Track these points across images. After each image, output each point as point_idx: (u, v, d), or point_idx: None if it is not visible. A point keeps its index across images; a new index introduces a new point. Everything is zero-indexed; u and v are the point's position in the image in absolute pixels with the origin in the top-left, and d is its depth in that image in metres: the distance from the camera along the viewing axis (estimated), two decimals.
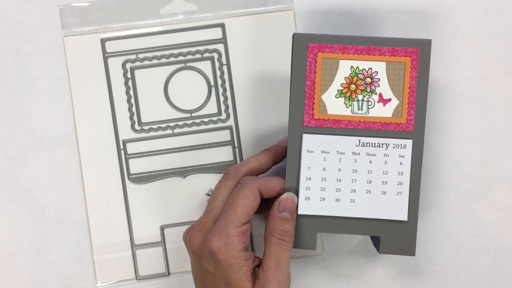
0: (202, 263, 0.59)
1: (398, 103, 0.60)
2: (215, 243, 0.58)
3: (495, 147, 0.72)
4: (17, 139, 0.71)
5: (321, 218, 0.61)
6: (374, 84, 0.60)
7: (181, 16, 0.71)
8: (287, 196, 0.61)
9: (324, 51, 0.59)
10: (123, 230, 0.71)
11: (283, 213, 0.59)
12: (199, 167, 0.71)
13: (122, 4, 0.71)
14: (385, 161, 0.60)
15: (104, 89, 0.71)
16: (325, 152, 0.60)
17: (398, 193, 0.60)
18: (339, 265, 0.71)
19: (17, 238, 0.71)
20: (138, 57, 0.71)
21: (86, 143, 0.71)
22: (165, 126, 0.71)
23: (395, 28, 0.72)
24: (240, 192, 0.59)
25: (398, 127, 0.60)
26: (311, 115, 0.60)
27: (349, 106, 0.60)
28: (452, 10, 0.72)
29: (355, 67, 0.59)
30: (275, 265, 0.58)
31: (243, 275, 0.58)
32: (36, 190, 0.71)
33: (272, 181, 0.61)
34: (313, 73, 0.60)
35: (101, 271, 0.71)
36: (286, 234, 0.59)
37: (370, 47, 0.59)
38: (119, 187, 0.71)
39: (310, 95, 0.60)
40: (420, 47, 0.60)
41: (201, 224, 0.61)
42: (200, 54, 0.71)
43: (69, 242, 0.71)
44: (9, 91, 0.71)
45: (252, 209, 0.59)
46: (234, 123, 0.71)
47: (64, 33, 0.71)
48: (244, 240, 0.59)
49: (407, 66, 0.59)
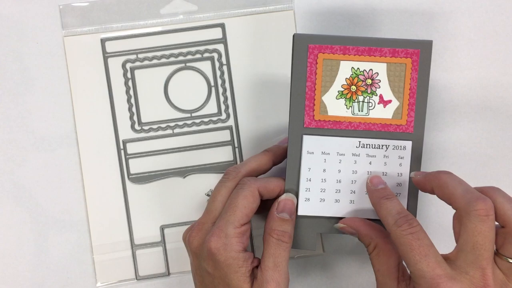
0: (201, 264, 0.59)
1: (399, 105, 0.60)
2: (214, 243, 0.58)
3: (495, 147, 0.72)
4: (17, 139, 0.71)
5: (321, 219, 0.62)
6: (375, 85, 0.60)
7: (181, 16, 0.71)
8: (286, 197, 0.61)
9: (325, 52, 0.59)
10: (123, 230, 0.71)
11: (282, 214, 0.59)
12: (199, 167, 0.71)
13: (122, 4, 0.71)
14: (385, 162, 0.60)
15: (104, 89, 0.71)
16: (325, 153, 0.60)
17: (397, 194, 0.61)
18: (339, 265, 0.71)
19: (17, 238, 0.71)
20: (138, 57, 0.71)
21: (86, 143, 0.71)
22: (165, 126, 0.71)
23: (395, 28, 0.72)
24: (240, 193, 0.59)
25: (398, 129, 0.60)
26: (311, 116, 0.60)
27: (350, 108, 0.60)
28: (452, 10, 0.72)
29: (355, 68, 0.59)
30: (273, 266, 0.58)
31: (242, 275, 0.58)
32: (36, 190, 0.71)
33: (272, 182, 0.61)
34: (313, 74, 0.60)
35: (101, 271, 0.71)
36: (284, 235, 0.59)
37: (371, 48, 0.59)
38: (119, 187, 0.71)
39: (310, 96, 0.60)
40: (421, 48, 0.59)
41: (200, 224, 0.61)
42: (200, 54, 0.71)
43: (69, 242, 0.71)
44: (9, 91, 0.71)
45: (252, 210, 0.60)
46: (234, 123, 0.71)
47: (64, 33, 0.71)
48: (243, 241, 0.59)
49: (407, 67, 0.59)
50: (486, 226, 0.52)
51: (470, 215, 0.52)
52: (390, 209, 0.56)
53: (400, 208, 0.56)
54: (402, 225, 0.54)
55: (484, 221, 0.52)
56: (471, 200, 0.53)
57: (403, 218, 0.54)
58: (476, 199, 0.52)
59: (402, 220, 0.54)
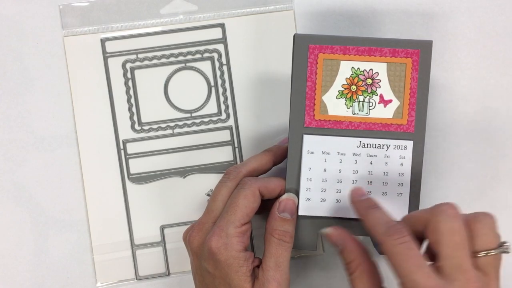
0: (202, 263, 0.59)
1: (399, 104, 0.60)
2: (214, 243, 0.58)
3: (495, 147, 0.72)
4: (17, 139, 0.71)
5: (321, 219, 0.61)
6: (375, 85, 0.60)
7: (181, 16, 0.71)
8: (287, 197, 0.61)
9: (325, 52, 0.59)
10: (123, 230, 0.71)
11: (283, 214, 0.59)
12: (199, 167, 0.71)
13: (122, 4, 0.71)
14: (386, 162, 0.60)
15: (104, 89, 0.71)
16: (326, 153, 0.60)
17: (398, 194, 0.60)
18: (339, 265, 0.71)
19: (17, 238, 0.71)
20: (138, 57, 0.71)
21: (86, 143, 0.71)
22: (165, 126, 0.71)
23: (395, 28, 0.72)
24: (241, 193, 0.59)
25: (398, 128, 0.60)
26: (312, 116, 0.60)
27: (350, 107, 0.60)
28: (452, 10, 0.72)
29: (356, 68, 0.59)
30: (274, 266, 0.58)
31: (242, 275, 0.58)
32: (36, 190, 0.71)
33: (272, 182, 0.61)
34: (314, 74, 0.60)
35: (101, 271, 0.71)
36: (286, 235, 0.59)
37: (371, 48, 0.59)
38: (119, 187, 0.71)
39: (311, 96, 0.60)
40: (421, 48, 0.60)
41: (201, 224, 0.61)
42: (200, 54, 0.71)
43: (69, 242, 0.71)
44: (9, 91, 0.71)
45: (252, 210, 0.60)
46: (234, 123, 0.71)
47: (64, 33, 0.71)
48: (243, 241, 0.59)
49: (408, 67, 0.59)
50: (458, 224, 0.51)
51: (440, 216, 0.52)
52: (378, 218, 0.55)
53: (388, 218, 0.55)
54: (393, 235, 0.52)
55: (455, 217, 0.52)
56: (435, 207, 0.53)
57: (393, 227, 0.53)
58: (439, 205, 0.53)
59: (393, 230, 0.53)
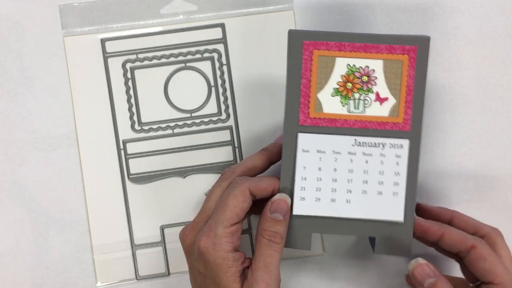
0: (193, 263, 0.59)
1: (395, 102, 0.59)
2: (203, 243, 0.57)
3: (495, 147, 0.71)
4: (17, 139, 0.71)
5: (316, 219, 0.61)
6: (371, 82, 0.59)
7: (181, 16, 0.71)
8: (279, 197, 0.60)
9: (320, 49, 0.59)
10: (123, 230, 0.71)
11: (275, 214, 0.59)
12: (199, 167, 0.71)
13: (122, 4, 0.71)
14: (382, 161, 0.60)
15: (104, 89, 0.71)
16: (321, 151, 0.60)
17: (394, 193, 0.60)
18: (339, 265, 0.71)
19: (17, 238, 0.71)
20: (138, 57, 0.71)
21: (86, 143, 0.71)
22: (165, 126, 0.71)
23: (395, 28, 0.72)
24: (230, 193, 0.59)
25: (394, 127, 0.59)
26: (306, 114, 0.60)
27: (345, 105, 0.59)
28: (452, 10, 0.72)
29: (351, 65, 0.59)
30: (263, 266, 0.57)
31: (231, 275, 0.57)
32: (36, 190, 0.71)
33: (264, 181, 0.60)
34: (308, 71, 0.59)
35: (101, 271, 0.71)
36: (276, 236, 0.58)
37: (367, 45, 0.58)
38: (119, 187, 0.71)
39: (305, 93, 0.59)
40: (418, 45, 0.58)
41: (194, 223, 0.61)
42: (200, 54, 0.71)
43: (69, 242, 0.71)
44: (9, 91, 0.71)
45: (242, 210, 0.59)
46: (234, 123, 0.71)
47: (64, 33, 0.71)
48: (233, 241, 0.58)
49: (404, 64, 0.59)
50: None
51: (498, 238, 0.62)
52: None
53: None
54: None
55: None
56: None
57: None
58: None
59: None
